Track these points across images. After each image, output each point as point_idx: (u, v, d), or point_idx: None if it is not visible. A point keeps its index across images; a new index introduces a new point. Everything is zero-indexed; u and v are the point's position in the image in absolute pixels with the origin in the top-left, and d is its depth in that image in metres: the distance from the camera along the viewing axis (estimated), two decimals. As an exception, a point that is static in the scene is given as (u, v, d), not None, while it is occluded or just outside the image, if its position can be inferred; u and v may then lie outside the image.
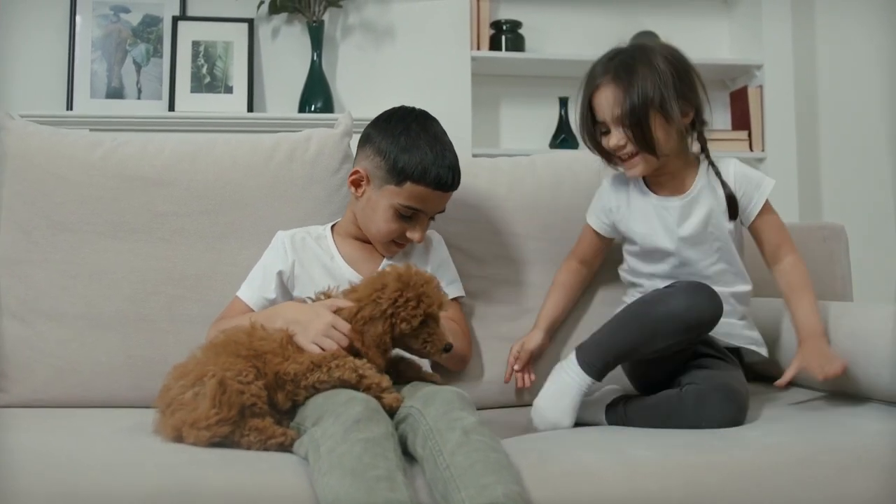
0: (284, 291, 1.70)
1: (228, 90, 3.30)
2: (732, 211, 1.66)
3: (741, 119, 3.65)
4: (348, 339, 1.44)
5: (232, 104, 3.28)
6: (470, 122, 3.39)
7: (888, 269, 3.51)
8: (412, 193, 1.65)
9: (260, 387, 1.33)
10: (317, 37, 3.33)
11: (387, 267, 1.52)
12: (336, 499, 1.12)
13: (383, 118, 1.73)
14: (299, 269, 1.70)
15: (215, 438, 1.28)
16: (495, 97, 3.65)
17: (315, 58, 3.34)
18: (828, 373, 1.51)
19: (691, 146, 1.70)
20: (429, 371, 1.58)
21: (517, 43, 3.53)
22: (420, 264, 1.67)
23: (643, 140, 1.60)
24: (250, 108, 3.29)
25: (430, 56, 3.43)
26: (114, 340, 1.74)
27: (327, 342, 1.42)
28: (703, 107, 1.66)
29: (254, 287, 1.70)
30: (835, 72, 3.79)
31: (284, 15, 3.41)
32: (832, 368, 1.52)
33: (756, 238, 1.71)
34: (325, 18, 3.36)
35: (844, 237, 2.11)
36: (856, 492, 1.33)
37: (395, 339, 1.47)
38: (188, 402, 1.31)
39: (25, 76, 3.27)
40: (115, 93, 3.29)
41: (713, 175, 1.67)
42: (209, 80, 3.30)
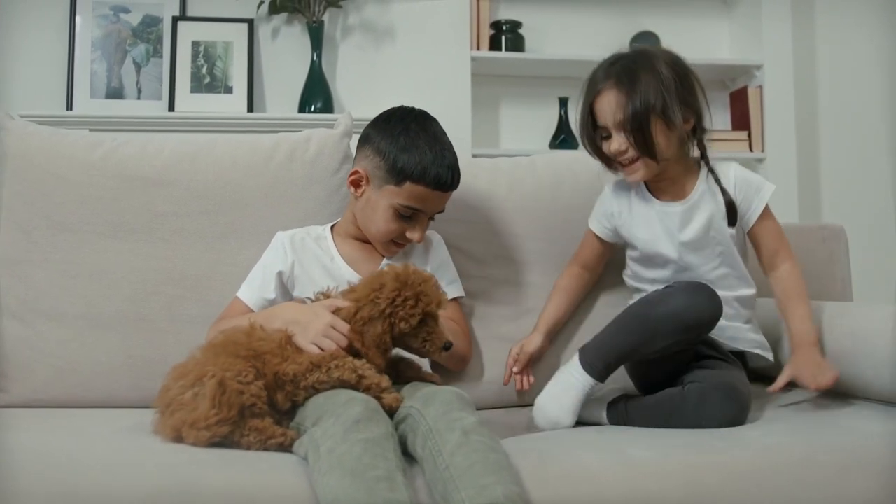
0: (284, 292, 1.70)
1: (228, 90, 3.30)
2: (731, 217, 1.65)
3: (741, 119, 3.65)
4: (347, 340, 1.44)
5: (232, 104, 3.28)
6: (470, 123, 3.39)
7: (888, 270, 3.51)
8: (412, 193, 1.65)
9: (260, 387, 1.33)
10: (317, 37, 3.33)
11: (385, 267, 1.52)
12: (336, 499, 1.13)
13: (383, 118, 1.73)
14: (299, 270, 1.70)
15: (215, 439, 1.28)
16: (495, 97, 3.65)
17: (315, 58, 3.34)
18: (819, 383, 1.52)
19: (692, 152, 1.70)
20: (428, 371, 1.58)
21: (517, 43, 3.53)
22: (420, 264, 1.67)
23: (644, 145, 1.60)
24: (250, 109, 3.29)
25: (430, 56, 3.43)
26: (114, 340, 1.74)
27: (326, 342, 1.42)
28: (704, 113, 1.66)
29: (253, 287, 1.70)
30: (835, 72, 3.79)
31: (284, 15, 3.41)
32: (824, 379, 1.52)
33: (754, 243, 1.71)
34: (325, 18, 3.36)
35: (844, 238, 2.11)
36: (855, 492, 1.33)
37: (395, 339, 1.47)
38: (188, 403, 1.31)
39: (25, 76, 3.27)
40: (115, 93, 3.29)
41: (713, 180, 1.67)
42: (209, 81, 3.30)
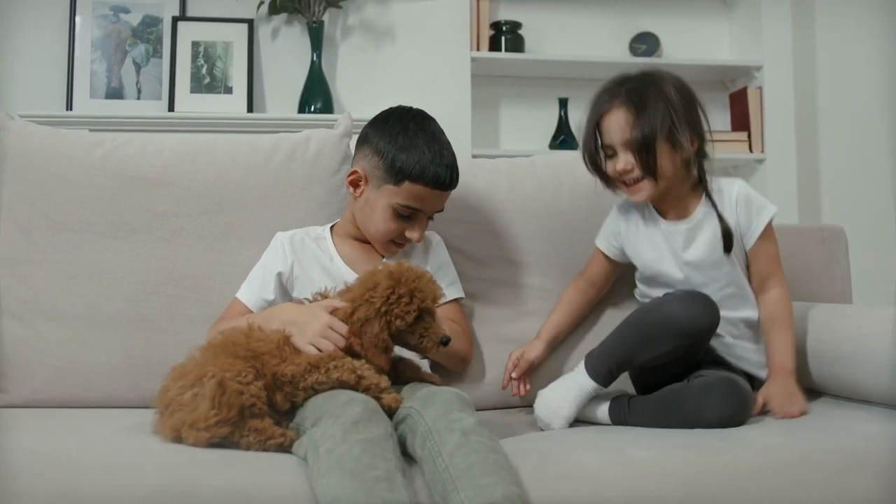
0: (283, 293, 1.70)
1: (228, 90, 3.30)
2: (727, 244, 1.65)
3: (741, 120, 3.65)
4: (345, 340, 1.43)
5: (232, 104, 3.28)
6: (469, 123, 3.39)
7: (888, 271, 3.51)
8: (410, 193, 1.65)
9: (259, 387, 1.33)
10: (316, 37, 3.33)
11: (378, 265, 1.51)
12: (335, 499, 1.12)
13: (381, 118, 1.73)
14: (298, 270, 1.70)
15: (215, 439, 1.28)
16: (495, 98, 3.65)
17: (315, 58, 3.33)
18: (786, 412, 1.54)
19: (695, 174, 1.71)
20: (428, 372, 1.58)
21: (517, 44, 3.53)
22: (420, 265, 1.66)
23: (649, 166, 1.61)
24: (250, 109, 3.29)
25: (430, 57, 3.43)
26: (114, 340, 1.74)
27: (324, 343, 1.42)
28: (707, 139, 1.68)
29: (253, 288, 1.70)
30: (835, 73, 3.79)
31: (284, 15, 3.41)
32: (792, 410, 1.54)
33: (749, 263, 1.70)
34: (325, 19, 3.36)
35: (844, 238, 2.11)
36: (855, 493, 1.33)
37: (393, 337, 1.46)
38: (187, 403, 1.31)
39: (25, 76, 3.27)
40: (115, 93, 3.29)
41: (719, 201, 1.67)
42: (209, 81, 3.30)
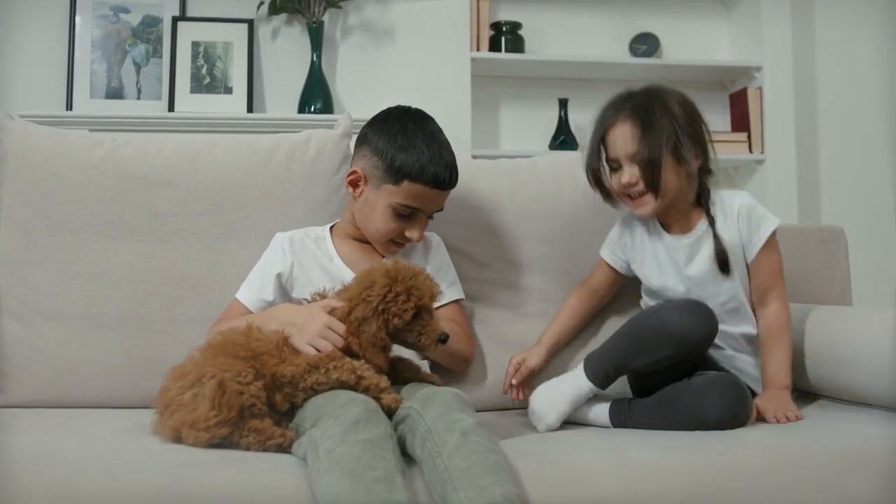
0: (283, 293, 1.69)
1: (228, 91, 3.30)
2: (722, 266, 1.65)
3: (740, 121, 3.65)
4: (344, 340, 1.43)
5: (231, 105, 3.28)
6: (469, 124, 3.39)
7: (888, 272, 3.51)
8: (410, 192, 1.65)
9: (259, 387, 1.33)
10: (316, 37, 3.33)
11: (375, 263, 1.51)
12: (334, 499, 1.13)
13: (380, 118, 1.73)
14: (298, 271, 1.70)
15: (214, 440, 1.28)
16: (495, 98, 3.65)
17: (315, 58, 3.33)
18: (779, 418, 1.55)
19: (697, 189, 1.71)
20: (428, 372, 1.58)
21: (517, 44, 3.53)
22: (420, 266, 1.66)
23: (654, 180, 1.62)
24: (250, 109, 3.29)
25: (430, 57, 3.43)
26: (113, 341, 1.74)
27: (322, 343, 1.42)
28: (710, 155, 1.69)
29: (252, 289, 1.70)
30: (834, 73, 3.79)
31: (284, 16, 3.41)
32: (787, 414, 1.55)
33: (750, 275, 1.70)
34: (325, 19, 3.36)
35: (844, 239, 2.11)
36: (855, 493, 1.33)
37: (391, 336, 1.46)
38: (187, 404, 1.31)
39: (25, 76, 3.27)
40: (115, 93, 3.29)
41: (721, 213, 1.67)
42: (209, 81, 3.30)
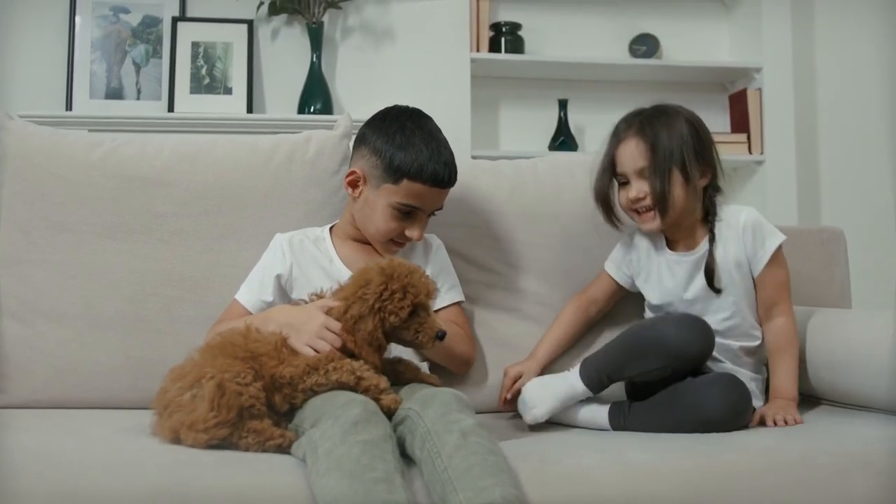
0: (282, 295, 1.69)
1: (228, 91, 3.30)
2: (710, 284, 1.66)
3: (740, 122, 3.65)
4: (341, 339, 1.43)
5: (231, 105, 3.28)
6: (469, 124, 3.38)
7: (887, 273, 3.50)
8: (409, 191, 1.65)
9: (258, 388, 1.33)
10: (316, 38, 3.33)
11: (370, 262, 1.50)
12: (334, 500, 1.13)
13: (378, 118, 1.73)
14: (297, 272, 1.70)
15: (214, 441, 1.28)
16: (494, 99, 3.65)
17: (314, 59, 3.33)
18: (778, 421, 1.55)
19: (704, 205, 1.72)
20: (427, 373, 1.58)
21: (516, 45, 3.53)
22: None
23: (662, 195, 1.63)
24: (250, 110, 3.29)
25: (430, 57, 3.43)
26: (113, 341, 1.74)
27: (321, 344, 1.42)
28: (719, 173, 1.70)
29: (252, 290, 1.70)
30: (834, 74, 3.79)
31: (284, 16, 3.41)
32: (784, 418, 1.55)
33: (756, 290, 1.70)
34: (325, 20, 3.36)
35: (843, 241, 2.11)
36: (854, 493, 1.33)
37: (388, 334, 1.45)
38: (186, 404, 1.31)
39: (25, 76, 3.27)
40: (115, 93, 3.29)
41: (722, 230, 1.68)
42: (208, 81, 3.30)
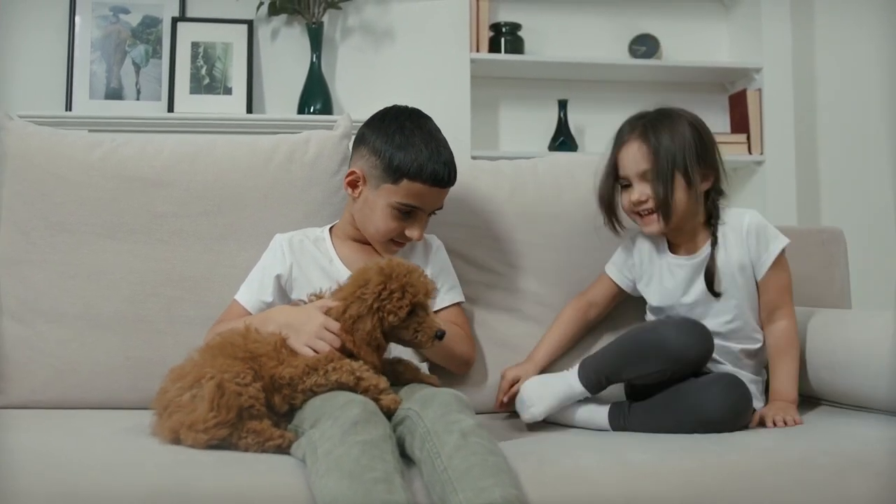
0: (282, 295, 1.69)
1: (227, 91, 3.30)
2: (710, 288, 1.66)
3: (740, 122, 3.65)
4: (340, 340, 1.43)
5: (231, 105, 3.28)
6: (469, 124, 3.38)
7: (887, 273, 3.50)
8: (409, 191, 1.65)
9: (258, 389, 1.33)
10: (316, 38, 3.33)
11: (369, 262, 1.50)
12: (333, 500, 1.13)
13: (377, 118, 1.73)
14: (297, 272, 1.70)
15: (213, 441, 1.28)
16: (494, 99, 3.65)
17: (314, 59, 3.33)
18: (777, 422, 1.55)
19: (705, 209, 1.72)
20: (427, 373, 1.58)
21: (516, 45, 3.53)
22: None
23: (664, 198, 1.63)
24: (249, 110, 3.29)
25: (430, 58, 3.43)
26: (113, 341, 1.74)
27: (320, 344, 1.42)
28: (722, 177, 1.70)
29: (251, 290, 1.70)
30: (834, 75, 3.79)
31: (284, 16, 3.41)
32: (784, 419, 1.55)
33: (759, 293, 1.70)
34: (325, 20, 3.36)
35: (843, 241, 2.11)
36: (854, 494, 1.33)
37: (387, 334, 1.45)
38: (186, 405, 1.31)
39: (25, 76, 3.27)
40: (115, 93, 3.28)
41: (725, 233, 1.68)
42: (208, 82, 3.30)
